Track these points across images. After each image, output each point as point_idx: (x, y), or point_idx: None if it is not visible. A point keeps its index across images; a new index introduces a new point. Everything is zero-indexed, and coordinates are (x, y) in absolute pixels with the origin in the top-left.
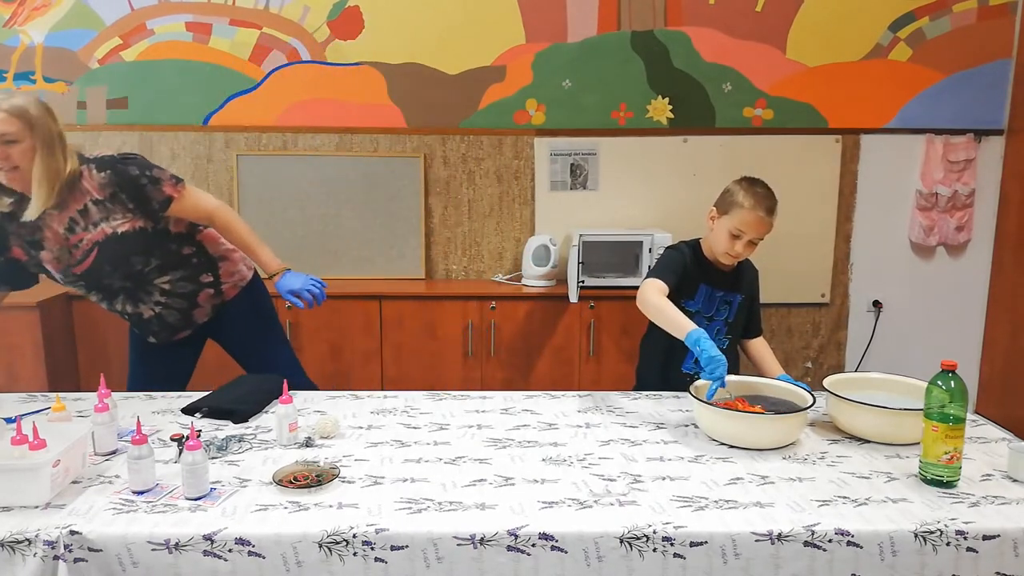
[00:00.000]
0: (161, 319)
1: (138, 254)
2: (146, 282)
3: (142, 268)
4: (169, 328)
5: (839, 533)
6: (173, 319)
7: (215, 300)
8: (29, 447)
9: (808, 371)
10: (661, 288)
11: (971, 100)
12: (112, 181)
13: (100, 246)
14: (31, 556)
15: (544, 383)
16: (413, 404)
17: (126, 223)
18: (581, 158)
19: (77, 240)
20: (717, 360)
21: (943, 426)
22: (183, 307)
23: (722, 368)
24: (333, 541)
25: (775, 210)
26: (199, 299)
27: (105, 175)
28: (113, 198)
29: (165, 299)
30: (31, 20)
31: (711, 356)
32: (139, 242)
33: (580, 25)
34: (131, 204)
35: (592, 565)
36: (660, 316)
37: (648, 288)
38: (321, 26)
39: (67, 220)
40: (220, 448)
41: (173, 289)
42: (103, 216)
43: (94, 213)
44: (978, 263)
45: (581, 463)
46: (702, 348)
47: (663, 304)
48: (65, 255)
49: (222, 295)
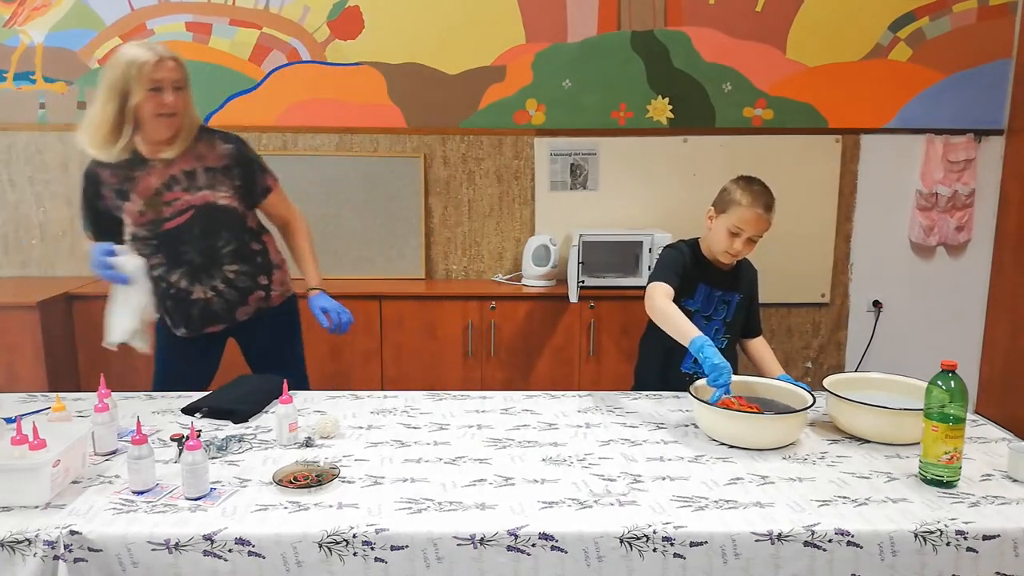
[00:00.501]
0: (207, 305)
1: (225, 230)
2: (216, 263)
3: (221, 247)
4: (209, 316)
5: (839, 533)
6: (219, 308)
7: (261, 303)
8: (29, 447)
9: (808, 371)
10: (668, 292)
11: (971, 100)
12: (233, 155)
13: (197, 210)
14: (31, 556)
15: (544, 383)
16: (413, 404)
17: (226, 198)
18: (581, 158)
19: (172, 198)
20: (721, 367)
21: (943, 426)
22: (233, 300)
23: (727, 375)
24: (333, 541)
25: (773, 207)
26: (250, 298)
27: (230, 147)
28: (227, 171)
29: (223, 286)
30: (31, 20)
31: (715, 364)
32: (229, 220)
33: (580, 25)
34: (238, 182)
35: (592, 565)
36: (666, 322)
37: (656, 292)
38: (321, 26)
39: (167, 176)
40: (220, 448)
41: (235, 280)
42: (209, 184)
43: (201, 178)
44: (978, 263)
45: (581, 463)
46: (706, 356)
47: (670, 310)
48: (152, 209)
49: (269, 300)
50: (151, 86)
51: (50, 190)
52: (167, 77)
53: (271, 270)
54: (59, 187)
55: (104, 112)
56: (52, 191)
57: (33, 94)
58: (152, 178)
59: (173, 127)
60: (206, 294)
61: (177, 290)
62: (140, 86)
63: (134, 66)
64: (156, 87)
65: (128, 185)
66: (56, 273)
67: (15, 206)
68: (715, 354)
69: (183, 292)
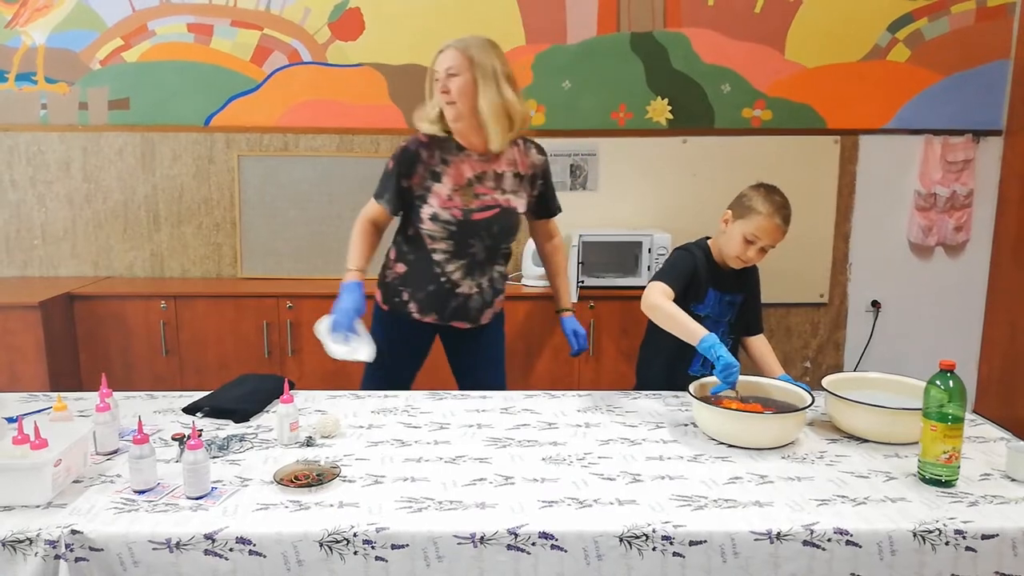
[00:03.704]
0: (468, 300)
1: (513, 236)
2: (492, 261)
3: (503, 248)
4: (464, 312)
5: (838, 532)
6: (476, 305)
7: (497, 308)
8: (30, 447)
9: (807, 371)
10: (667, 292)
11: (969, 101)
12: (541, 167)
13: (503, 211)
14: (32, 555)
15: (544, 383)
16: (413, 403)
17: (522, 205)
18: (581, 159)
19: (481, 191)
20: (733, 366)
21: (942, 426)
22: (489, 300)
23: (737, 374)
24: (334, 540)
25: (790, 219)
26: (496, 300)
27: (542, 159)
28: (531, 180)
29: (487, 285)
30: (33, 21)
31: (728, 363)
32: (518, 227)
33: (579, 26)
34: (535, 192)
35: (592, 564)
36: (669, 321)
37: (654, 292)
38: (322, 27)
39: (479, 170)
40: (221, 447)
41: (497, 280)
42: (514, 190)
43: (508, 182)
44: (976, 263)
45: (581, 462)
46: (719, 355)
47: (673, 309)
48: (464, 198)
49: (498, 306)
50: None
51: (52, 191)
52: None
53: (507, 278)
54: (61, 188)
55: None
56: (54, 191)
57: (35, 95)
58: (466, 167)
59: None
60: (471, 289)
61: (446, 280)
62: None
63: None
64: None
65: (440, 168)
66: (58, 273)
67: (16, 206)
68: (727, 353)
69: (452, 283)
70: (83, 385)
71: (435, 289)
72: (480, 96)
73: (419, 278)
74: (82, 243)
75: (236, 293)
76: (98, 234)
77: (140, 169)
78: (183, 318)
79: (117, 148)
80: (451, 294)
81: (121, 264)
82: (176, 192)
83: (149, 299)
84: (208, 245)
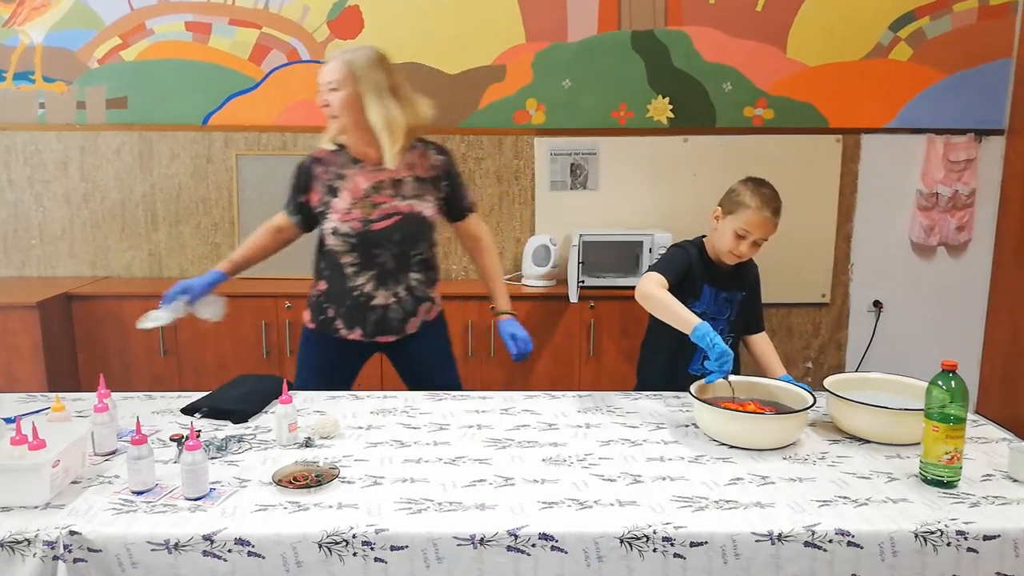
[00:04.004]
0: (386, 311)
1: (422, 241)
2: (405, 270)
3: (414, 255)
4: (385, 325)
5: (839, 533)
6: (396, 316)
7: (426, 316)
8: (29, 447)
9: (808, 371)
10: (661, 281)
11: (972, 100)
12: (444, 167)
13: (404, 218)
14: (31, 556)
15: (544, 383)
16: (413, 404)
17: (429, 209)
18: (581, 158)
19: (379, 201)
20: (727, 354)
21: (943, 426)
22: (410, 309)
23: (730, 363)
24: (333, 541)
25: (780, 211)
26: (420, 308)
27: (442, 160)
28: (435, 182)
29: (405, 294)
30: (30, 20)
31: (722, 351)
32: (428, 231)
33: (580, 25)
34: (443, 195)
35: (592, 565)
36: (664, 310)
37: (648, 281)
38: (321, 26)
39: (376, 180)
40: (220, 448)
41: (416, 288)
42: (416, 194)
43: (409, 187)
44: (979, 263)
45: (581, 463)
46: (713, 342)
47: (666, 298)
48: (363, 209)
49: (430, 314)
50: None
51: (49, 190)
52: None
53: (436, 285)
54: (58, 187)
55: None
56: (51, 191)
57: (32, 94)
58: (361, 179)
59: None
60: (387, 300)
61: (361, 293)
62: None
63: None
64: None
65: (338, 183)
66: (55, 273)
67: (14, 206)
68: (722, 341)
69: (365, 296)
70: (81, 385)
71: (352, 303)
72: (368, 111)
73: (338, 293)
74: (80, 243)
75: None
76: (96, 234)
77: (138, 168)
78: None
79: (115, 147)
80: (368, 307)
81: (119, 264)
82: (174, 191)
83: (147, 299)
84: (206, 245)
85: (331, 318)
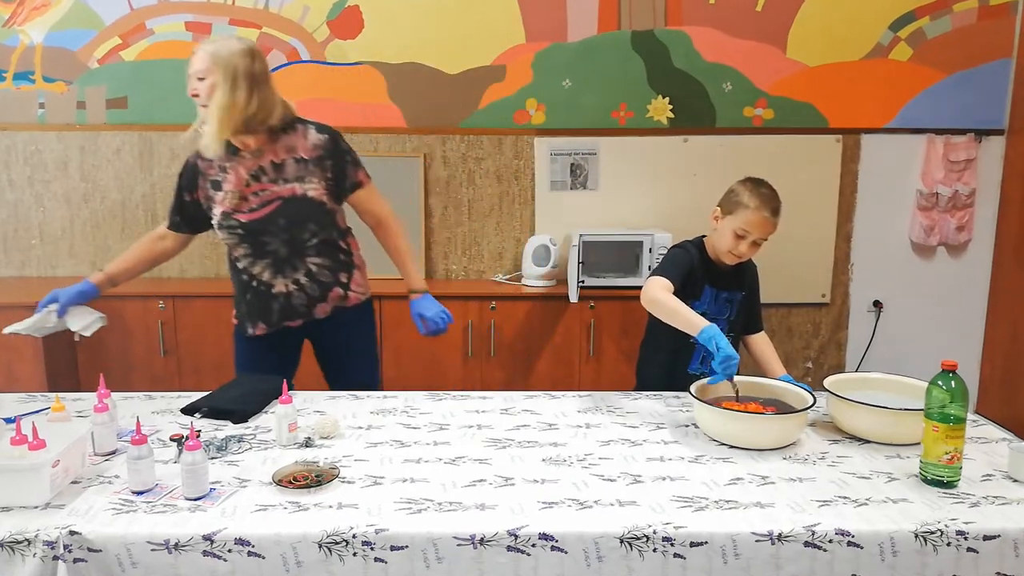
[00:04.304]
0: (288, 299)
1: (312, 223)
2: (300, 255)
3: (307, 239)
4: (289, 311)
5: (839, 533)
6: (299, 303)
7: (339, 302)
8: (28, 447)
9: (808, 371)
10: (667, 286)
11: (972, 100)
12: (326, 146)
13: (284, 202)
14: (31, 556)
15: (544, 383)
16: (413, 404)
17: (315, 190)
18: (581, 158)
19: (259, 188)
20: (733, 358)
21: (943, 426)
22: (314, 295)
23: (735, 367)
24: (333, 541)
25: (779, 211)
26: (330, 294)
27: (323, 138)
28: (318, 162)
29: (305, 280)
30: (30, 20)
31: (728, 354)
32: (316, 213)
33: (580, 25)
34: (329, 174)
35: (592, 565)
36: (672, 315)
37: (654, 285)
38: (321, 26)
39: (256, 167)
40: (220, 448)
41: (317, 273)
42: (298, 176)
43: (290, 170)
44: (979, 263)
45: (581, 463)
46: (720, 346)
47: (673, 302)
48: (236, 199)
49: (346, 300)
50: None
51: (49, 190)
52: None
53: (352, 270)
54: (58, 187)
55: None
56: (51, 191)
57: (32, 94)
58: (242, 168)
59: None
60: (287, 287)
61: (259, 283)
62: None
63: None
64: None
65: (221, 176)
66: (55, 273)
67: (14, 206)
68: (727, 345)
69: (265, 285)
70: (81, 385)
71: (252, 297)
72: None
73: (240, 289)
74: (80, 243)
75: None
76: (96, 234)
77: (138, 168)
78: (181, 318)
79: (115, 147)
80: (268, 296)
81: None
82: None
83: (147, 299)
84: (206, 245)
85: (242, 316)
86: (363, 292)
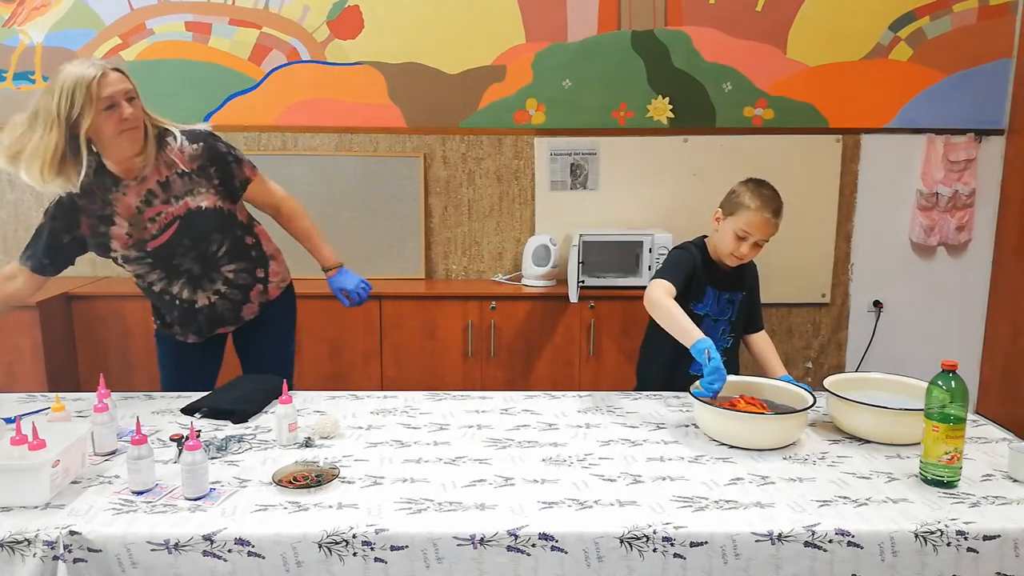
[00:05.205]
0: (213, 309)
1: (216, 232)
2: (213, 267)
3: (216, 250)
4: (217, 320)
5: (839, 533)
6: (225, 310)
7: (262, 298)
8: (29, 447)
9: (808, 371)
10: (669, 289)
11: (972, 100)
12: (204, 154)
13: (182, 220)
14: (31, 556)
15: (544, 383)
16: (413, 404)
17: (207, 199)
18: (581, 158)
19: (154, 213)
20: (721, 373)
21: (943, 426)
22: (237, 299)
23: (721, 383)
24: (333, 541)
25: (781, 212)
26: (251, 294)
27: (198, 147)
28: (201, 171)
29: (225, 288)
30: (30, 20)
31: (717, 367)
32: (217, 221)
33: (580, 25)
34: (216, 180)
35: (592, 565)
36: (669, 320)
37: (657, 288)
38: (321, 26)
39: (144, 192)
40: (220, 448)
41: (235, 279)
42: (187, 189)
43: (177, 186)
44: (979, 263)
45: (581, 463)
46: (712, 358)
47: (672, 308)
48: (138, 229)
49: (267, 294)
50: (105, 104)
51: None
52: (119, 90)
53: (267, 263)
54: None
55: (48, 140)
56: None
57: (32, 94)
58: (130, 197)
59: (137, 140)
60: (210, 299)
61: (181, 301)
62: (92, 106)
63: (81, 87)
64: (110, 104)
65: (108, 210)
66: None
67: (15, 205)
68: (719, 358)
69: (187, 302)
70: (81, 385)
71: (178, 313)
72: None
73: (163, 306)
74: None
75: None
76: None
77: None
78: None
79: None
80: (193, 310)
81: None
82: None
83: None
84: None
85: (169, 324)
86: (283, 280)
